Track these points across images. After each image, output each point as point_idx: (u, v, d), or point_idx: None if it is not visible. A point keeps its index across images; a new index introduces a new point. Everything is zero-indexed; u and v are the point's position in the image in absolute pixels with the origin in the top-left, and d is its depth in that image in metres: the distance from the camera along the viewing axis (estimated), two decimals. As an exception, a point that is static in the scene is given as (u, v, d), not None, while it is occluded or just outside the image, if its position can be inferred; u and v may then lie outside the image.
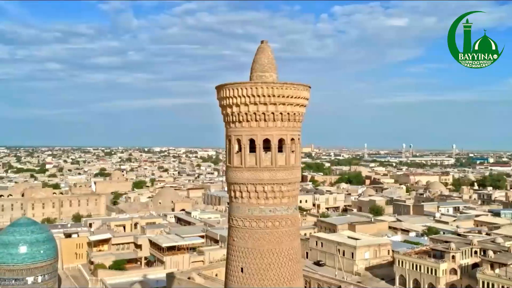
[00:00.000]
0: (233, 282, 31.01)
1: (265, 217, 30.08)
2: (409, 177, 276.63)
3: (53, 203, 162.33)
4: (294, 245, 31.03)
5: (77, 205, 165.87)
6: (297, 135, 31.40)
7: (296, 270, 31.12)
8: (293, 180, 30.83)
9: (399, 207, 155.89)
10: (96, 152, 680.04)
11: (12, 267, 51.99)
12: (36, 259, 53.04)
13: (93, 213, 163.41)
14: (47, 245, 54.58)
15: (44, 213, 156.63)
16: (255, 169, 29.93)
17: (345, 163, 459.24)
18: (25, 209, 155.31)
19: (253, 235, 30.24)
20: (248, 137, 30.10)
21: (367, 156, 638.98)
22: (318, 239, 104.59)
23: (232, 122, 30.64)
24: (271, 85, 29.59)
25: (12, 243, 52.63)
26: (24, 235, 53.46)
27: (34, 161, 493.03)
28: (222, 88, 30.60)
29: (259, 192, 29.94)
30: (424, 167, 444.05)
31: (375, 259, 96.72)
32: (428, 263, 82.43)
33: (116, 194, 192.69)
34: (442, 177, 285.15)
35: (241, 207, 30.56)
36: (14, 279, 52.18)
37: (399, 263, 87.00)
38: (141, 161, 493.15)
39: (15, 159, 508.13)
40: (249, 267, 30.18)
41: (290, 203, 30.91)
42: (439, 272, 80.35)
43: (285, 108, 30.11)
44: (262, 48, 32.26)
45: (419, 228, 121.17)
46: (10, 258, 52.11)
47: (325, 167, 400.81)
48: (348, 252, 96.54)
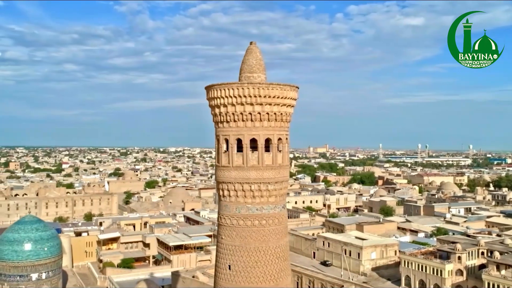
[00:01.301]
0: (221, 279, 31.57)
1: (252, 215, 30.54)
2: (423, 178, 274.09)
3: (66, 202, 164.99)
4: (281, 243, 31.41)
5: (90, 204, 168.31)
6: (284, 135, 31.79)
7: (283, 268, 31.49)
8: (280, 179, 31.23)
9: (409, 208, 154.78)
10: (112, 152, 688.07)
11: (17, 263, 53.44)
12: (40, 256, 54.39)
13: (105, 212, 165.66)
14: (51, 242, 55.90)
15: (57, 212, 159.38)
16: (242, 168, 30.43)
17: (359, 163, 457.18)
18: (39, 208, 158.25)
19: (240, 233, 30.74)
20: (235, 137, 30.63)
21: (382, 156, 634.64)
22: (325, 239, 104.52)
23: (220, 122, 31.22)
24: (257, 86, 30.05)
25: (17, 240, 54.09)
26: (28, 233, 54.88)
27: (51, 161, 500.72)
28: (211, 89, 31.20)
29: (246, 191, 30.43)
30: (440, 167, 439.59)
31: (382, 260, 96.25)
32: (433, 263, 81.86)
33: (128, 194, 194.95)
34: (457, 178, 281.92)
35: (229, 206, 31.10)
36: (19, 276, 53.63)
37: (405, 264, 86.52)
38: (156, 161, 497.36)
39: (32, 159, 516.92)
40: (237, 264, 30.69)
41: (277, 201, 31.31)
42: (444, 273, 79.74)
43: (272, 108, 30.55)
44: (251, 49, 32.78)
45: (428, 229, 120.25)
46: (15, 255, 53.56)
47: (339, 167, 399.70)
48: (354, 252, 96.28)
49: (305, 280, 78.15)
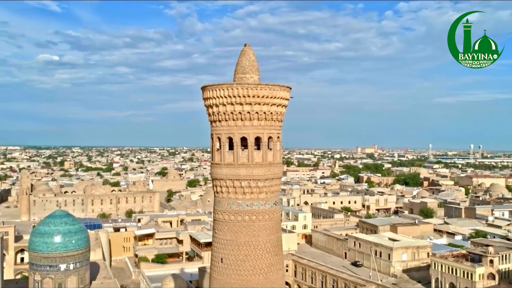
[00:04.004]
0: (214, 272, 32.98)
1: (242, 211, 31.69)
2: (472, 179, 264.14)
3: (110, 200, 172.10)
4: (271, 238, 32.33)
5: (133, 202, 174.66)
6: (275, 133, 32.70)
7: (273, 263, 32.40)
8: (270, 176, 32.13)
9: (450, 210, 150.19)
10: (162, 152, 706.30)
11: (47, 254, 57.30)
12: (68, 248, 57.96)
13: (148, 209, 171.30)
14: (78, 235, 59.38)
15: (102, 208, 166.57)
16: (233, 165, 31.66)
17: (407, 164, 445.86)
18: (85, 204, 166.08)
19: (232, 228, 31.97)
20: (226, 136, 31.93)
21: (432, 157, 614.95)
22: (356, 240, 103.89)
23: (213, 121, 32.62)
24: (245, 86, 31.19)
25: (47, 233, 57.97)
26: (58, 226, 58.61)
27: (103, 160, 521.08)
28: (205, 89, 32.69)
29: (237, 187, 31.61)
30: (493, 169, 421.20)
31: (413, 261, 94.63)
32: (464, 266, 79.69)
33: (170, 192, 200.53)
34: (509, 180, 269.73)
35: (221, 201, 32.43)
36: (49, 266, 57.50)
37: (435, 266, 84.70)
38: (202, 160, 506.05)
39: (86, 159, 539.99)
40: (228, 257, 31.93)
41: (268, 198, 32.24)
42: (475, 276, 77.43)
43: (261, 108, 31.56)
44: (244, 51, 33.98)
45: (467, 231, 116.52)
46: (45, 247, 57.46)
47: (385, 168, 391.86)
48: (384, 253, 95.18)
49: (329, 280, 78.24)
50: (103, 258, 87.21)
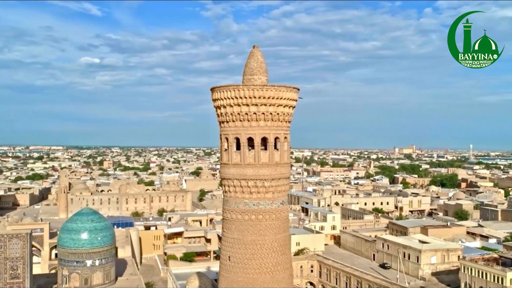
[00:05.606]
0: (222, 269, 33.67)
1: (249, 210, 32.23)
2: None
3: (144, 198, 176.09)
4: (278, 237, 32.71)
5: (166, 201, 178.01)
6: (282, 134, 33.03)
7: (280, 262, 32.77)
8: (277, 176, 32.52)
9: (486, 212, 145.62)
10: (198, 152, 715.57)
11: (74, 250, 59.75)
12: (94, 244, 60.23)
13: (180, 208, 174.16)
14: (104, 233, 61.55)
15: (136, 207, 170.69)
16: (240, 165, 32.24)
17: (446, 165, 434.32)
18: (120, 203, 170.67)
19: (239, 227, 32.59)
20: (234, 136, 32.56)
21: (472, 158, 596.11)
22: (384, 241, 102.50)
23: (222, 122, 33.33)
24: (251, 87, 31.71)
25: (74, 229, 60.40)
26: (84, 223, 60.97)
27: (141, 160, 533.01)
28: (214, 91, 33.44)
29: (244, 187, 32.18)
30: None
31: (443, 265, 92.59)
32: (494, 270, 77.36)
33: (202, 192, 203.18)
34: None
35: (229, 201, 33.08)
36: (75, 261, 59.97)
37: (464, 270, 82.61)
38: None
39: (124, 158, 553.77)
40: (235, 256, 32.56)
41: (274, 198, 32.64)
42: (506, 281, 75.06)
43: (267, 109, 31.99)
44: (252, 53, 34.49)
45: (502, 234, 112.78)
46: (72, 243, 59.93)
47: (422, 169, 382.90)
48: (413, 256, 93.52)
49: (353, 281, 77.62)
50: (132, 255, 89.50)
